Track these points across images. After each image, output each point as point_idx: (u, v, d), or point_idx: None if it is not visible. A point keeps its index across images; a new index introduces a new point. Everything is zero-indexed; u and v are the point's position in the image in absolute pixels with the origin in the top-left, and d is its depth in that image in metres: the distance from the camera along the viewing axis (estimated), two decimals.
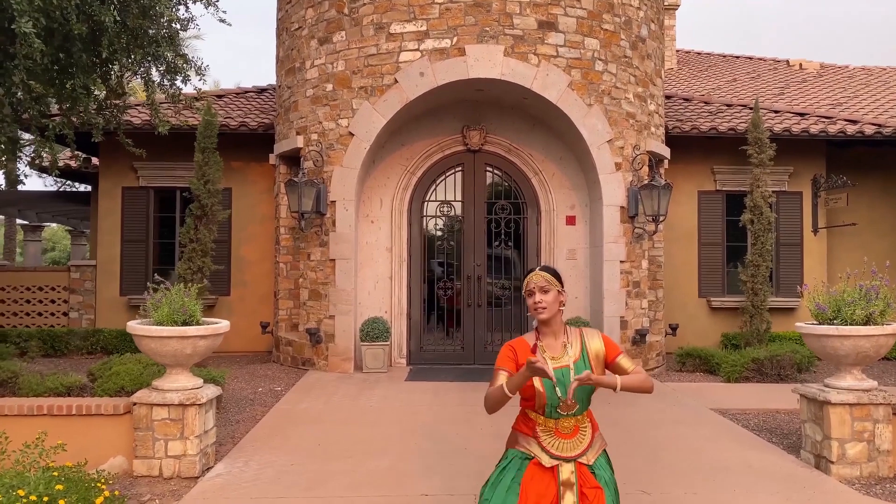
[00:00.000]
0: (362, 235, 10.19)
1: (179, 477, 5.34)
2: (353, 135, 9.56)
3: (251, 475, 5.38)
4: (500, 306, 10.39)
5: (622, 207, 9.83)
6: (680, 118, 12.22)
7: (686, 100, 13.50)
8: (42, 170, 12.61)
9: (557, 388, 2.87)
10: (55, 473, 4.53)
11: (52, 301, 12.39)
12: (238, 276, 12.32)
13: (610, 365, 3.01)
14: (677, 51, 19.46)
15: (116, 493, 4.67)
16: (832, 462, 5.46)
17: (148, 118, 10.79)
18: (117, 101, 8.43)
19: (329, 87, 9.80)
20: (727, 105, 13.08)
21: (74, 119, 8.05)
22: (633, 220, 9.96)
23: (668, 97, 13.47)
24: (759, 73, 17.95)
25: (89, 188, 15.24)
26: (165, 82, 8.30)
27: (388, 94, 9.39)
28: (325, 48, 9.84)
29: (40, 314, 12.36)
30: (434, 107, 10.04)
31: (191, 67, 8.22)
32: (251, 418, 7.26)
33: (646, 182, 9.87)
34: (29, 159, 8.57)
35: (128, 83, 8.45)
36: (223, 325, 5.58)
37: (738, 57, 20.05)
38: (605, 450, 3.06)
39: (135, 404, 5.38)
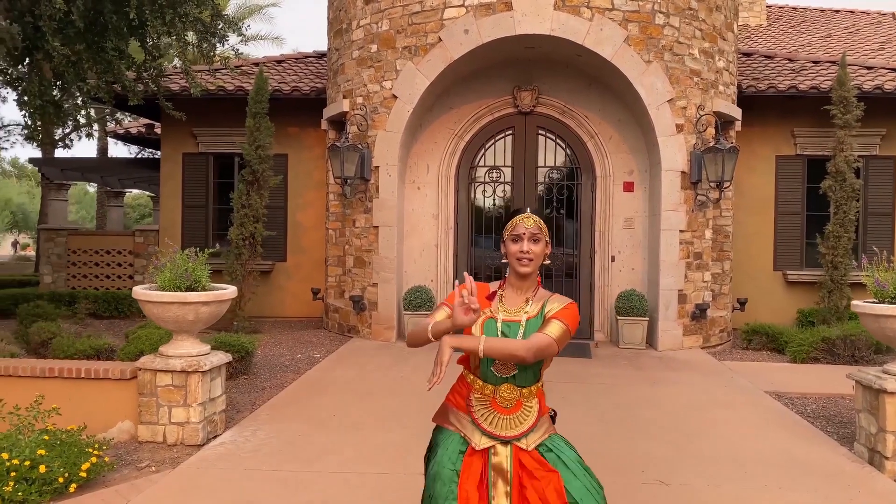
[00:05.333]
0: (408, 202, 9.91)
1: (183, 444, 5.26)
2: (397, 97, 9.24)
3: (254, 445, 5.24)
4: (550, 277, 9.91)
5: (683, 172, 9.14)
6: (757, 76, 11.27)
7: (767, 57, 12.47)
8: (116, 135, 12.90)
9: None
10: (45, 437, 4.50)
11: (119, 264, 12.76)
12: (294, 242, 12.31)
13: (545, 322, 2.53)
14: (768, 6, 18.11)
15: (107, 459, 4.61)
16: (886, 458, 4.83)
17: (205, 83, 10.80)
18: (154, 64, 8.40)
19: (374, 47, 9.49)
20: (814, 62, 11.98)
21: (115, 84, 8.06)
22: (695, 187, 9.26)
23: (747, 55, 12.50)
24: (859, 27, 16.45)
25: None
26: (204, 44, 8.19)
27: (431, 53, 9.00)
28: (370, 7, 9.52)
29: (108, 277, 12.75)
30: (483, 67, 9.58)
31: (227, 27, 8.07)
32: (279, 385, 7.17)
33: (710, 145, 9.14)
34: (73, 123, 8.64)
35: (175, 49, 8.33)
36: (228, 291, 5.42)
37: (837, 11, 18.46)
38: (556, 434, 2.63)
39: (140, 370, 5.32)
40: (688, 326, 9.24)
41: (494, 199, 10.06)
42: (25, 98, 7.22)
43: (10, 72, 7.62)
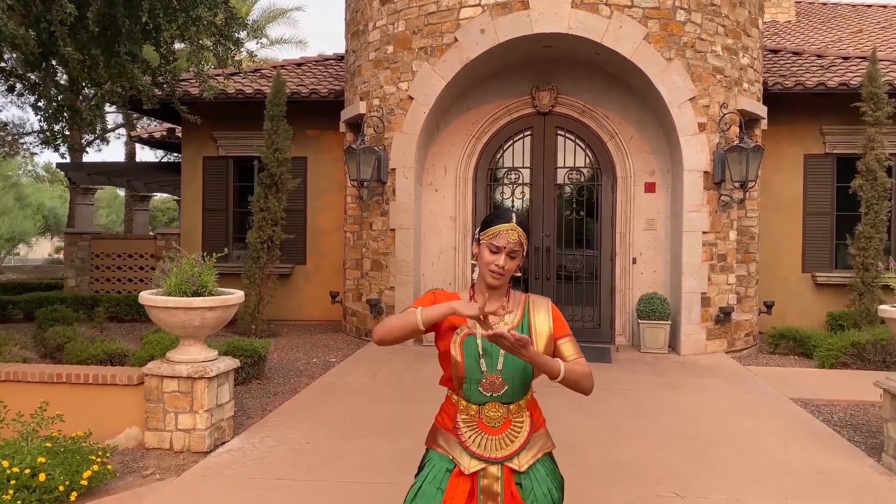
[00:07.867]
0: (426, 204, 9.80)
1: (189, 451, 5.19)
2: (413, 99, 9.14)
3: (260, 453, 5.16)
4: (570, 280, 9.74)
5: (706, 172, 8.92)
6: (784, 73, 10.98)
7: (795, 53, 12.16)
8: (140, 139, 12.98)
9: (482, 360, 2.30)
10: (48, 444, 4.46)
11: (141, 268, 12.83)
12: (314, 245, 12.28)
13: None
14: (797, 2, 17.73)
15: (110, 466, 4.55)
16: None
17: (223, 88, 10.81)
18: (169, 68, 8.39)
19: (390, 49, 9.40)
20: (843, 58, 11.65)
21: (131, 88, 8.07)
22: (718, 187, 9.03)
23: (775, 51, 12.21)
24: (892, 22, 16.01)
25: None
26: (219, 48, 8.16)
27: (447, 54, 8.88)
28: (386, 8, 9.44)
29: (130, 280, 12.83)
30: (500, 67, 9.44)
31: (241, 29, 8.03)
32: (291, 390, 7.10)
33: (734, 144, 8.90)
34: (89, 127, 8.68)
35: (191, 55, 8.32)
36: (234, 296, 5.35)
37: (869, 6, 18.01)
38: (550, 454, 2.44)
39: (146, 375, 5.27)
40: (711, 330, 9.01)
41: (513, 201, 9.90)
42: (41, 103, 7.27)
43: (26, 77, 7.67)
